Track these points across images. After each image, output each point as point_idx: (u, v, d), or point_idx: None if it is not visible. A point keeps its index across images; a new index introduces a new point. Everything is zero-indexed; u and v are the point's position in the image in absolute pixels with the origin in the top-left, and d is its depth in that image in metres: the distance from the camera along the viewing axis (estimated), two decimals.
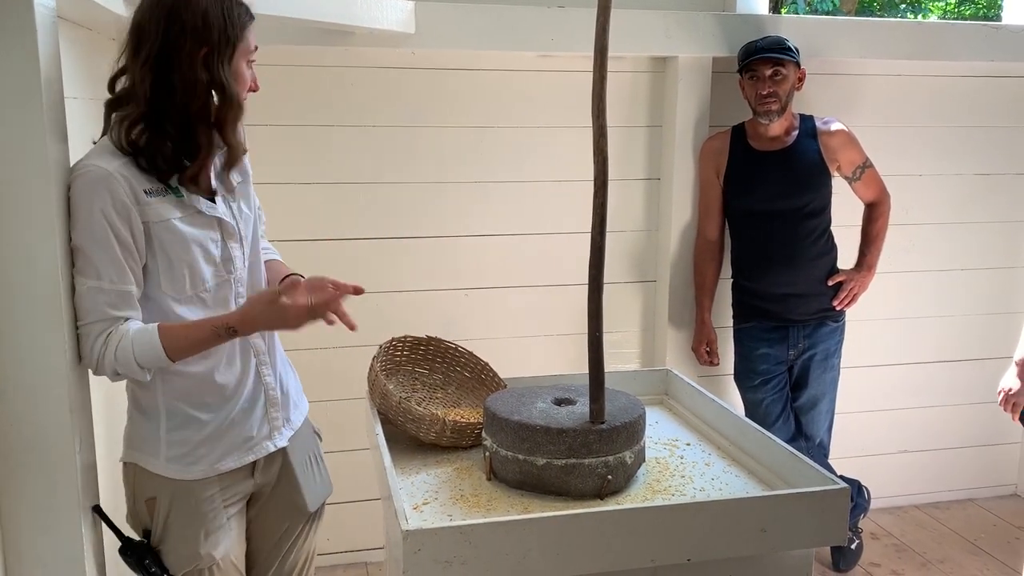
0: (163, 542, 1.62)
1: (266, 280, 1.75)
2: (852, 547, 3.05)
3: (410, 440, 1.98)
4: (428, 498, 1.74)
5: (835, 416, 3.05)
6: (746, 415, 2.56)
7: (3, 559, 1.53)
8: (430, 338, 2.20)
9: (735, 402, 3.07)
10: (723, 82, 3.02)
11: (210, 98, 1.53)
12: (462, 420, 1.97)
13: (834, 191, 2.91)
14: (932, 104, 3.29)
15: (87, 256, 1.49)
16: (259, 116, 2.35)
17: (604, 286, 1.77)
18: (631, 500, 1.72)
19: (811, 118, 2.92)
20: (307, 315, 1.54)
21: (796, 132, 2.88)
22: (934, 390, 3.47)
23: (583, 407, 1.81)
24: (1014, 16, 3.43)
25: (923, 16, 11.53)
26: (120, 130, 1.50)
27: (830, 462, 3.00)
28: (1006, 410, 2.33)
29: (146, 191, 1.51)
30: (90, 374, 1.61)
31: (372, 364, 2.01)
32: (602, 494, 1.72)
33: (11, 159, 1.43)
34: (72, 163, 1.57)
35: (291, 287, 1.55)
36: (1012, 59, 3.21)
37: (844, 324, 3.00)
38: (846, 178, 2.94)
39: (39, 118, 1.43)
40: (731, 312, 3.05)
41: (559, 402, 1.87)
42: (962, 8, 11.73)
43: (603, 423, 1.74)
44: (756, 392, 2.97)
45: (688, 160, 3.03)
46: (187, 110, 1.51)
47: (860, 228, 3.00)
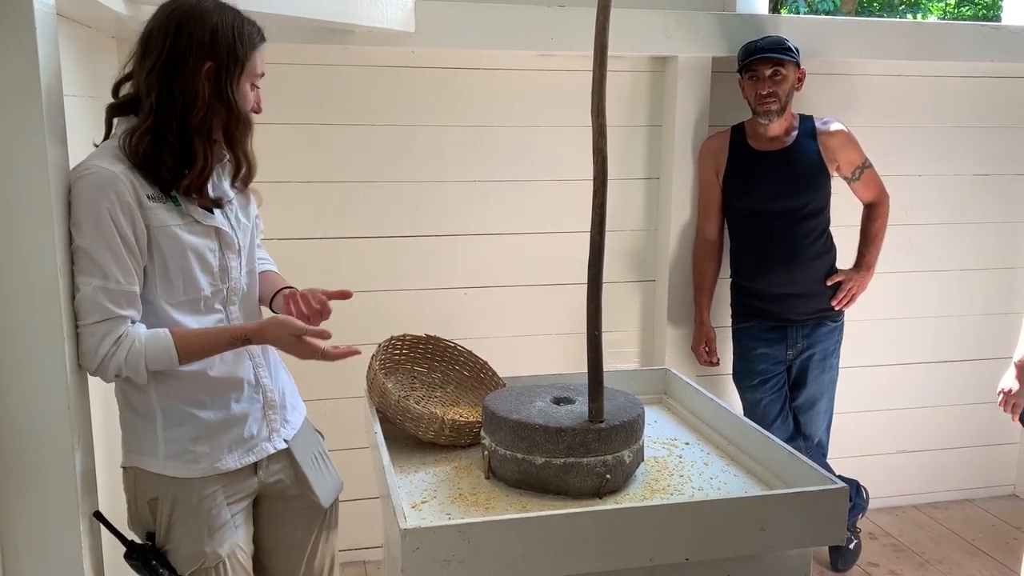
0: (168, 542, 1.62)
1: (258, 293, 1.80)
2: (850, 547, 3.05)
3: (409, 439, 1.98)
4: (427, 497, 1.74)
5: (833, 416, 3.05)
6: (745, 415, 2.56)
7: (2, 563, 1.53)
8: (429, 337, 2.20)
9: (734, 402, 3.07)
10: (723, 82, 3.02)
11: (210, 113, 1.55)
12: (461, 419, 1.97)
13: (833, 191, 2.91)
14: (931, 104, 3.29)
15: (92, 256, 1.49)
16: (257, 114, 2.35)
17: (603, 285, 1.77)
18: (629, 499, 1.73)
19: (810, 118, 2.92)
20: (318, 357, 1.62)
21: (795, 132, 2.88)
22: (932, 390, 3.47)
23: (582, 406, 1.81)
24: (1014, 17, 3.43)
25: (922, 16, 11.54)
26: (128, 141, 1.52)
27: (828, 462, 3.01)
28: (1006, 411, 2.33)
29: (148, 196, 1.53)
30: (89, 378, 1.61)
31: (371, 363, 2.01)
32: (601, 493, 1.72)
33: (10, 157, 1.43)
34: (71, 162, 1.57)
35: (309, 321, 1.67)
36: (1012, 60, 3.21)
37: (843, 324, 3.00)
38: (845, 178, 2.94)
39: (38, 116, 1.43)
40: (730, 312, 3.05)
41: (558, 401, 1.88)
42: (962, 9, 11.73)
43: (602, 422, 1.74)
44: (755, 392, 2.97)
45: (687, 160, 3.03)
46: (186, 122, 1.54)
47: (859, 228, 3.01)
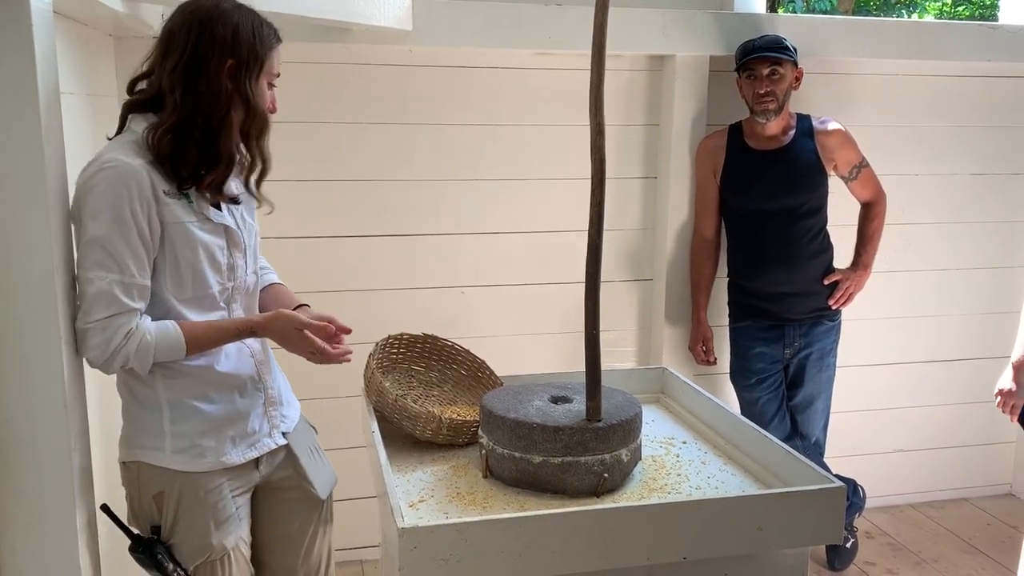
0: (174, 535, 1.63)
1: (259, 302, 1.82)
2: (847, 546, 3.05)
3: (406, 438, 1.98)
4: (424, 496, 1.74)
5: (831, 415, 3.05)
6: (742, 414, 2.56)
7: None
8: (426, 336, 2.20)
9: (731, 401, 3.07)
10: (720, 81, 3.02)
11: (232, 110, 1.58)
12: (458, 418, 1.97)
13: (830, 190, 2.91)
14: (929, 104, 3.29)
15: (108, 249, 1.49)
16: None
17: (601, 284, 1.77)
18: (627, 498, 1.73)
19: (808, 117, 2.92)
20: (316, 356, 1.68)
21: (793, 131, 2.88)
22: (929, 389, 3.48)
23: (579, 405, 1.81)
24: (1011, 16, 3.44)
25: (919, 15, 11.55)
26: (151, 136, 1.54)
27: (825, 461, 3.01)
28: (1004, 412, 2.33)
29: (165, 191, 1.55)
30: (86, 370, 1.61)
31: (368, 362, 2.01)
32: (598, 492, 1.72)
33: (6, 155, 1.43)
34: (68, 161, 1.57)
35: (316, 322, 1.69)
36: (1009, 59, 3.21)
37: (840, 323, 3.00)
38: (842, 177, 2.94)
39: (35, 113, 1.43)
40: (727, 311, 3.05)
41: (555, 400, 1.87)
42: (959, 8, 11.75)
43: (599, 421, 1.74)
44: (752, 391, 2.97)
45: (685, 159, 3.03)
46: (210, 119, 1.56)
47: (856, 227, 3.01)
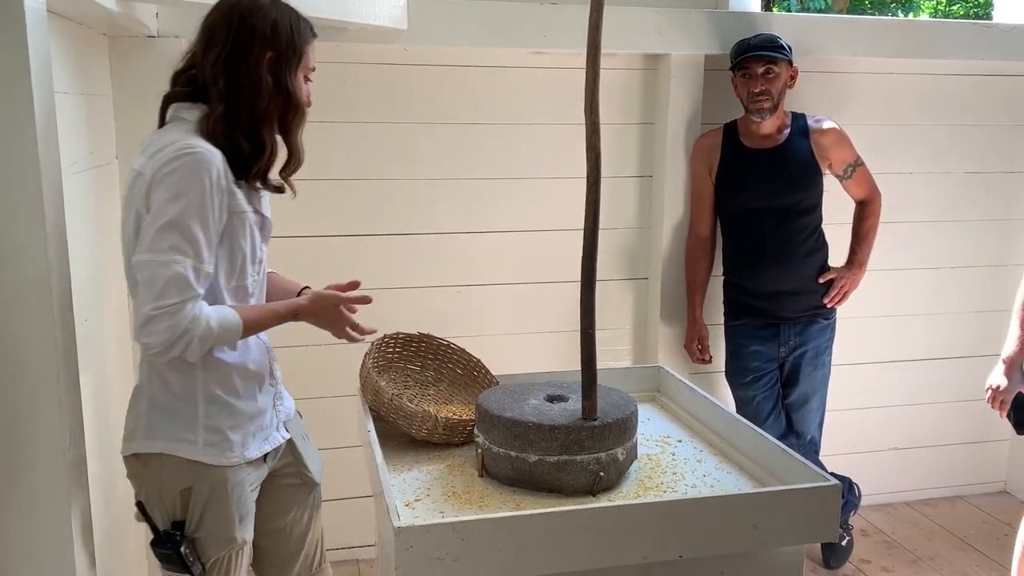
0: (199, 529, 1.63)
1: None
2: (843, 544, 3.06)
3: (402, 437, 1.98)
4: (420, 495, 1.74)
5: (826, 413, 3.06)
6: (737, 412, 2.56)
7: None
8: (422, 335, 2.20)
9: (726, 399, 3.08)
10: (715, 80, 3.02)
11: (273, 101, 1.60)
12: (454, 417, 1.97)
13: (825, 189, 2.92)
14: (923, 102, 3.30)
15: (186, 235, 1.49)
16: None
17: (596, 283, 1.77)
18: (623, 497, 1.73)
19: (803, 116, 2.92)
20: (350, 331, 1.73)
21: (788, 130, 2.88)
22: (924, 387, 3.49)
23: (575, 404, 1.81)
24: (1005, 15, 3.45)
25: (914, 14, 11.57)
26: (206, 126, 1.56)
27: (821, 459, 3.01)
28: (994, 407, 2.34)
29: (233, 180, 1.58)
30: (79, 365, 1.61)
31: (364, 361, 2.01)
32: (594, 491, 1.72)
33: (0, 154, 1.42)
34: (63, 160, 1.56)
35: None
36: (1003, 58, 3.22)
37: (835, 322, 3.00)
38: (837, 176, 2.94)
39: (29, 113, 1.43)
40: (722, 309, 3.05)
41: (551, 399, 1.88)
42: (953, 7, 11.77)
43: (595, 420, 1.74)
44: (747, 389, 2.97)
45: (680, 157, 3.04)
46: (254, 110, 1.59)
47: (851, 226, 3.01)
